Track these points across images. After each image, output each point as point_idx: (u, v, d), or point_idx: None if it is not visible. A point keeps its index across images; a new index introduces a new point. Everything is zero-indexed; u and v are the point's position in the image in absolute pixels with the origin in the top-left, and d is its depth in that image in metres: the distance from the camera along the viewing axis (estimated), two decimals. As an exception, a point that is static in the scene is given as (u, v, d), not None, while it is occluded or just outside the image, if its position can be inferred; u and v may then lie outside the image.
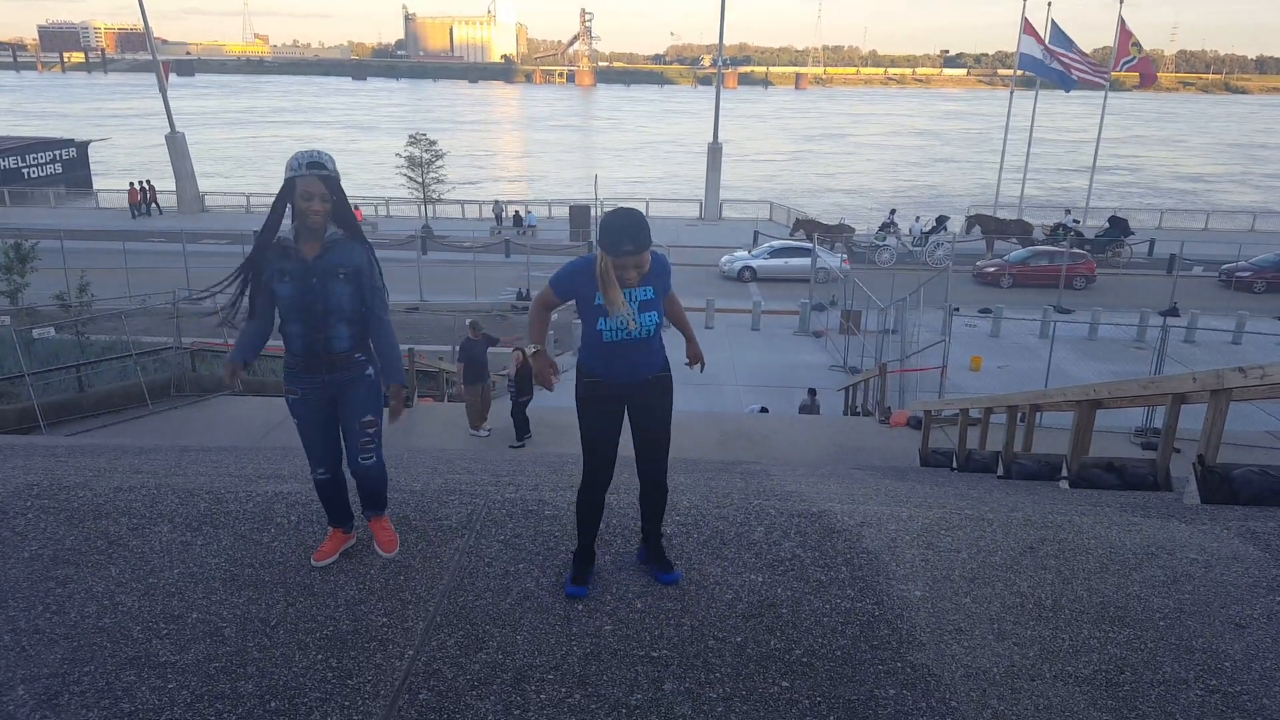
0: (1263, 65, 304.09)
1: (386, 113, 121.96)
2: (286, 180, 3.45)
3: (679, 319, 3.95)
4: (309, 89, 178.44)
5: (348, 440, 3.77)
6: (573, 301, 3.58)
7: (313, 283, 3.51)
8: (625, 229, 3.31)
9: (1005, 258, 31.69)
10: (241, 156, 74.21)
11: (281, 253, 3.53)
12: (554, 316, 3.79)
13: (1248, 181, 71.94)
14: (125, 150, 72.04)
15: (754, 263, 31.34)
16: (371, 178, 44.66)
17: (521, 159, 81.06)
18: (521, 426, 13.11)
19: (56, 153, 53.22)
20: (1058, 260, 29.96)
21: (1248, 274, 30.04)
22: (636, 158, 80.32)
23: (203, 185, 48.48)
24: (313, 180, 3.45)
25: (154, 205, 44.02)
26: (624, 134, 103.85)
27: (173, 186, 45.30)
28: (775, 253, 31.70)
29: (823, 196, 59.37)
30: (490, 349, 13.90)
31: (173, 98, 43.98)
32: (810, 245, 32.17)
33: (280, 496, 4.59)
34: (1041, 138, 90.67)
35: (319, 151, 3.49)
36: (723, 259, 32.18)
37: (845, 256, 31.77)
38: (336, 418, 3.76)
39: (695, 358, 4.01)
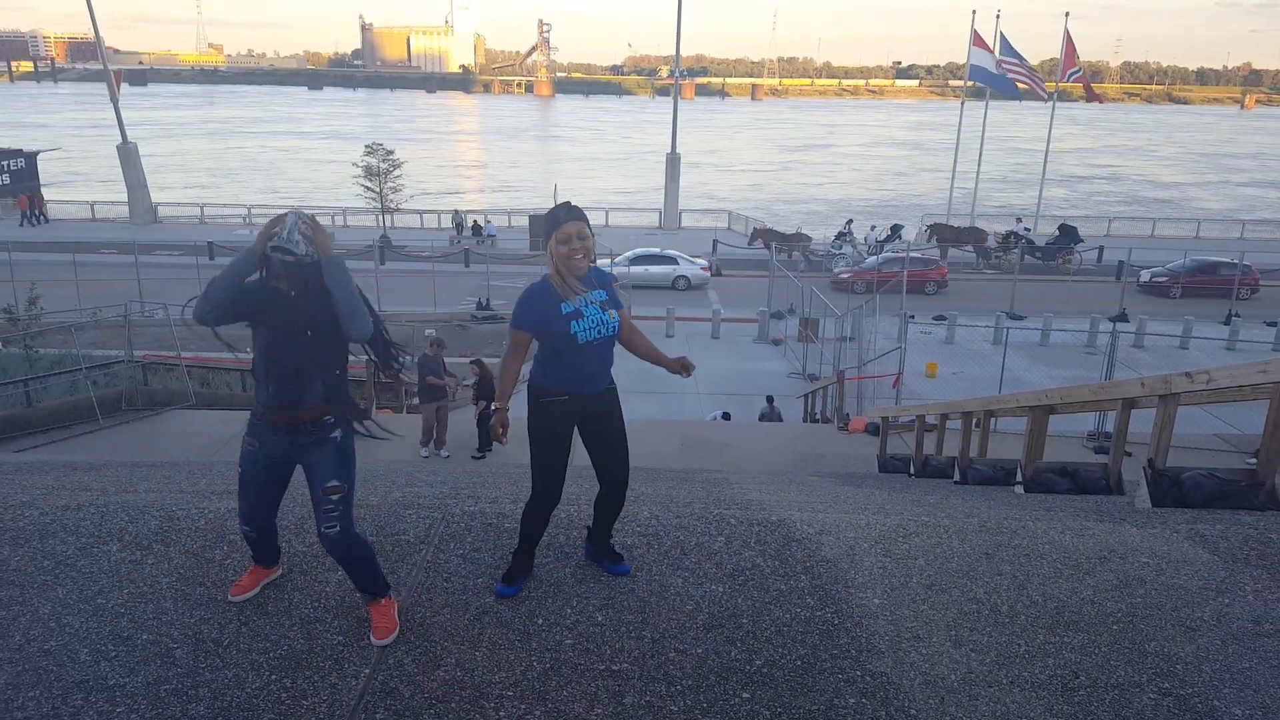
0: (1203, 77, 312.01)
1: (366, 123, 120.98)
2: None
3: (648, 351, 3.96)
4: (276, 99, 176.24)
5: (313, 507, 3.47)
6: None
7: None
8: (564, 206, 3.58)
9: (859, 265, 32.62)
10: (225, 168, 73.07)
11: None
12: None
13: (1223, 191, 73.32)
14: (105, 161, 70.78)
15: (615, 270, 31.70)
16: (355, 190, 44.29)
17: (502, 170, 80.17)
18: (485, 436, 12.97)
19: (4, 163, 51.95)
20: (910, 266, 31.08)
21: (1164, 279, 31.29)
22: (628, 168, 79.65)
23: (183, 196, 47.62)
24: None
25: (41, 214, 43.62)
26: (607, 144, 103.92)
27: (124, 196, 44.57)
28: (635, 260, 31.90)
29: (803, 206, 59.74)
30: (449, 359, 13.62)
31: (143, 108, 43.55)
32: (674, 254, 32.49)
33: (233, 513, 4.49)
34: (1023, 148, 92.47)
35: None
36: None
37: (706, 264, 32.45)
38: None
39: (683, 366, 4.00)
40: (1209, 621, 3.61)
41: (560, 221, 3.52)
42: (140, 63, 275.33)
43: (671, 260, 31.95)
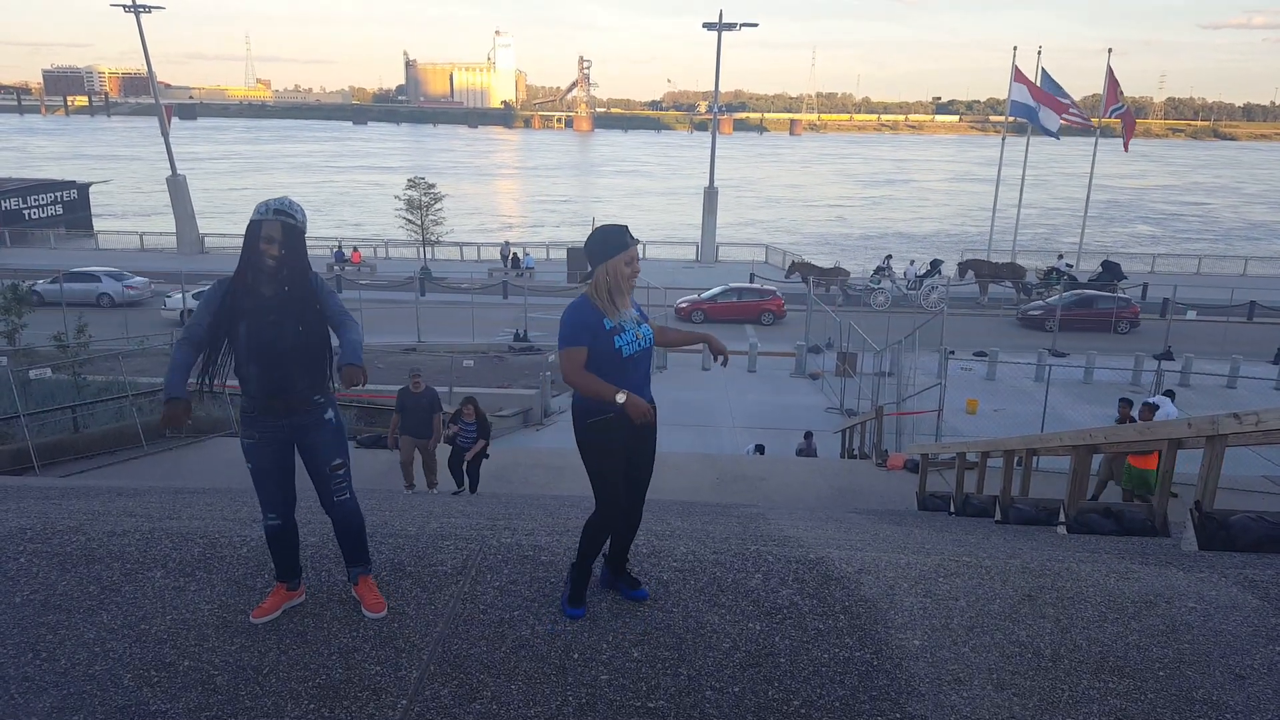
0: (1250, 112, 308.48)
1: (442, 158, 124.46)
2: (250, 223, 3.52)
3: (683, 337, 4.17)
4: (353, 135, 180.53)
5: (316, 484, 3.79)
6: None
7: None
8: (618, 228, 3.66)
9: (700, 295, 33.07)
10: (318, 199, 74.86)
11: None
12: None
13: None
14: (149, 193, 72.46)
15: (40, 287, 30.76)
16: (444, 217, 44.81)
17: (588, 204, 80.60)
18: (459, 477, 11.72)
19: (57, 194, 53.59)
20: (745, 297, 32.28)
21: (1039, 312, 31.59)
22: (688, 203, 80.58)
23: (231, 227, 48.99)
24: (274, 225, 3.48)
25: None
26: (687, 180, 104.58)
27: (173, 228, 45.59)
28: (67, 279, 30.81)
29: (885, 242, 59.40)
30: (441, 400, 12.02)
31: (227, 142, 44.55)
32: (97, 271, 32.20)
33: (275, 541, 4.55)
34: (1101, 184, 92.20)
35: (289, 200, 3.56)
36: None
37: (134, 284, 32.14)
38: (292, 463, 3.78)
39: (719, 350, 4.08)
40: (1259, 670, 3.52)
41: (628, 244, 3.63)
42: (190, 97, 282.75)
43: (95, 278, 31.91)
